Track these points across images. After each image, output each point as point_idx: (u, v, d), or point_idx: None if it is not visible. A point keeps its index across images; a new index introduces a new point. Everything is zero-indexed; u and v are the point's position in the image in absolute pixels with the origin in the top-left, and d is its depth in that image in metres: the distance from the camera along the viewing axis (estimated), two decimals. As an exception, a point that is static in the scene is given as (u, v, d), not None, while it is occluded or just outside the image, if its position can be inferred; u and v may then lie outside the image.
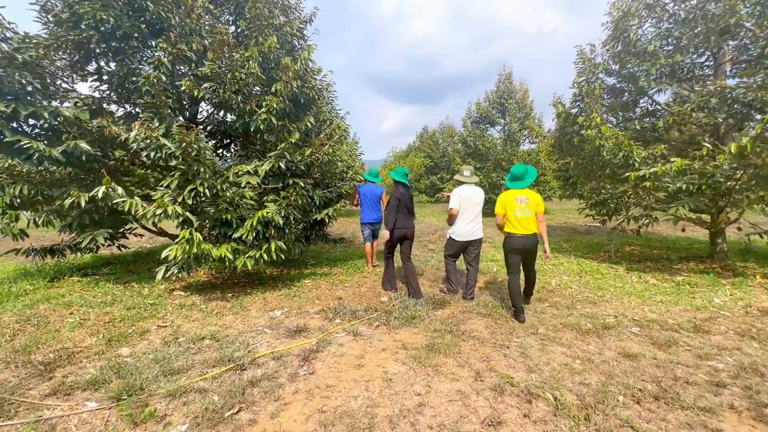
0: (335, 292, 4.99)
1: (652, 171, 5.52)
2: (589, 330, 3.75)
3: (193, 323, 3.86)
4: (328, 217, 5.68)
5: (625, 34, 6.68)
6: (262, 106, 4.91)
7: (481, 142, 15.85)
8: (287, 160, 5.00)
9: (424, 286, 5.28)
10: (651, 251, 8.01)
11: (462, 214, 4.55)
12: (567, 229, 11.86)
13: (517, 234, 3.98)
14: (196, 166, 3.98)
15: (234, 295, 4.84)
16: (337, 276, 5.81)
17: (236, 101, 4.74)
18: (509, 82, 16.26)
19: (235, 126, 5.09)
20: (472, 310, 4.28)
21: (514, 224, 4.00)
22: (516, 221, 3.98)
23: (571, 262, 6.94)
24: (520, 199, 3.99)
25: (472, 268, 4.70)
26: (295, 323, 3.84)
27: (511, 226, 4.02)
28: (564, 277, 5.93)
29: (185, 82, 4.36)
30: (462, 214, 4.55)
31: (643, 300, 4.75)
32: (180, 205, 4.00)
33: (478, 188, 4.70)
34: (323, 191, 5.91)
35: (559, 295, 4.94)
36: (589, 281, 5.62)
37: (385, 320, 3.95)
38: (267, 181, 5.20)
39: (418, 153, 26.52)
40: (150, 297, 4.64)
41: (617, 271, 6.28)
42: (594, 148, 6.27)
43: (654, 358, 3.19)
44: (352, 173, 6.39)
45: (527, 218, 3.98)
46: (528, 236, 3.97)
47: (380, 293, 4.93)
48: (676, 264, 6.71)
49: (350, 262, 6.66)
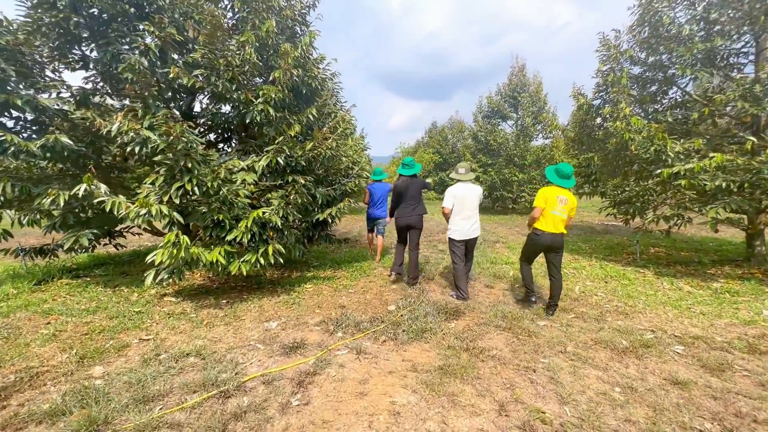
0: (338, 299, 4.58)
1: (688, 168, 4.99)
2: (626, 349, 3.28)
3: (179, 336, 3.48)
4: (331, 217, 5.27)
5: (656, 18, 6.10)
6: (259, 96, 4.50)
7: (493, 137, 15.27)
8: (287, 155, 4.59)
9: (435, 292, 4.85)
10: (678, 253, 7.44)
11: (458, 213, 4.53)
12: (584, 228, 11.29)
13: (548, 232, 3.96)
14: (183, 162, 3.59)
15: (229, 301, 4.46)
16: (340, 280, 5.40)
17: (231, 91, 4.33)
18: (522, 74, 15.61)
19: (231, 118, 4.68)
20: (489, 322, 3.84)
21: (548, 221, 3.95)
22: (551, 218, 3.94)
23: (594, 265, 6.43)
24: (561, 198, 3.92)
25: (468, 265, 4.80)
26: (292, 337, 3.43)
27: (544, 222, 3.97)
28: (588, 282, 5.44)
29: (173, 68, 3.96)
30: (458, 212, 4.53)
31: (681, 311, 4.25)
32: (167, 205, 3.61)
33: (474, 185, 4.64)
34: (326, 189, 5.49)
35: (585, 305, 4.46)
36: (617, 288, 5.12)
37: (392, 334, 3.52)
38: (265, 178, 4.80)
39: (427, 149, 25.94)
40: (137, 304, 4.28)
41: (645, 276, 5.76)
42: (621, 142, 5.74)
43: (708, 387, 2.71)
44: (358, 169, 5.96)
45: (561, 219, 3.95)
46: (556, 235, 3.96)
47: (387, 301, 4.51)
48: (710, 268, 6.16)
49: (355, 265, 6.25)
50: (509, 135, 15.47)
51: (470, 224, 4.52)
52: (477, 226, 4.59)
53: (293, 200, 4.45)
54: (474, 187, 4.62)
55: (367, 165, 5.96)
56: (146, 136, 3.54)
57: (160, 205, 3.57)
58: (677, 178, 5.19)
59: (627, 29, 7.03)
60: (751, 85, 5.16)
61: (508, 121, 16.29)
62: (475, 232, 4.58)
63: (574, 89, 7.69)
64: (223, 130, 6.22)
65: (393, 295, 4.71)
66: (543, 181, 14.86)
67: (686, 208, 5.63)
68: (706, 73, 5.54)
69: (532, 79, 15.67)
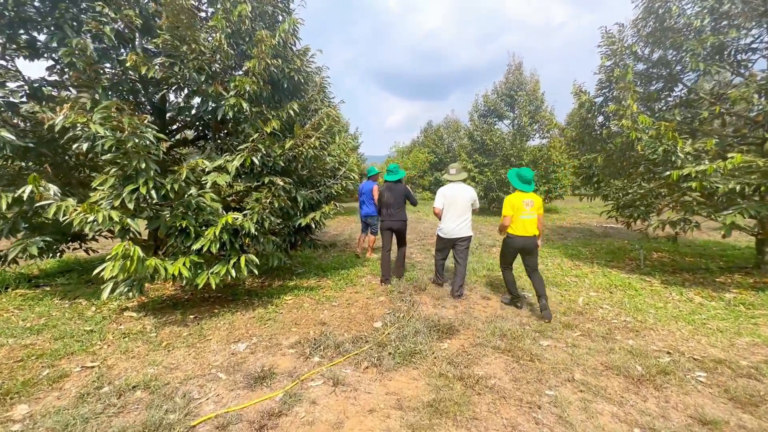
0: (319, 313, 4.14)
1: (701, 169, 4.62)
2: (642, 376, 2.88)
3: (130, 361, 3.02)
4: (315, 222, 4.82)
5: (664, 8, 5.72)
6: (231, 88, 4.04)
7: (489, 137, 14.88)
8: (263, 155, 4.14)
9: (427, 305, 4.43)
10: (683, 259, 7.10)
11: (447, 212, 4.62)
12: (582, 231, 10.94)
13: (519, 236, 4.12)
14: (136, 161, 3.13)
15: (197, 317, 4.01)
16: (324, 291, 4.96)
17: (198, 82, 3.87)
18: (519, 72, 15.24)
19: (201, 113, 4.22)
20: (486, 342, 3.42)
21: (518, 226, 4.12)
22: (521, 223, 4.10)
23: (596, 272, 6.05)
24: (527, 202, 4.10)
25: (460, 266, 4.71)
26: (261, 363, 2.99)
27: (515, 227, 4.14)
28: (592, 293, 5.05)
29: (130, 56, 3.49)
30: (447, 211, 4.62)
31: (696, 327, 3.87)
32: (118, 210, 3.15)
33: (465, 186, 4.69)
34: (309, 191, 5.05)
35: (591, 319, 4.06)
36: (623, 299, 4.73)
37: (376, 358, 3.09)
38: (240, 179, 4.35)
39: (422, 148, 25.54)
40: (92, 321, 3.81)
41: (652, 285, 5.38)
42: (627, 142, 5.35)
43: (742, 427, 2.32)
44: (345, 170, 5.52)
45: (531, 221, 4.11)
46: (528, 238, 4.12)
47: (373, 316, 4.08)
48: (718, 276, 5.81)
49: (342, 272, 5.81)
50: (506, 134, 15.09)
51: (458, 224, 4.59)
52: (467, 225, 4.62)
53: (270, 204, 4.01)
54: (465, 188, 4.66)
55: (355, 165, 5.47)
56: (95, 131, 3.07)
57: (112, 210, 3.11)
58: (687, 181, 4.82)
59: (631, 23, 6.67)
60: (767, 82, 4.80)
61: (505, 121, 15.92)
62: (463, 232, 4.61)
63: (574, 86, 7.30)
64: (203, 127, 5.76)
65: (380, 309, 4.28)
66: (540, 182, 14.52)
67: (694, 213, 5.26)
68: (719, 67, 5.17)
69: (529, 78, 15.31)
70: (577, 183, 8.30)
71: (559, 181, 15.13)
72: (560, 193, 15.53)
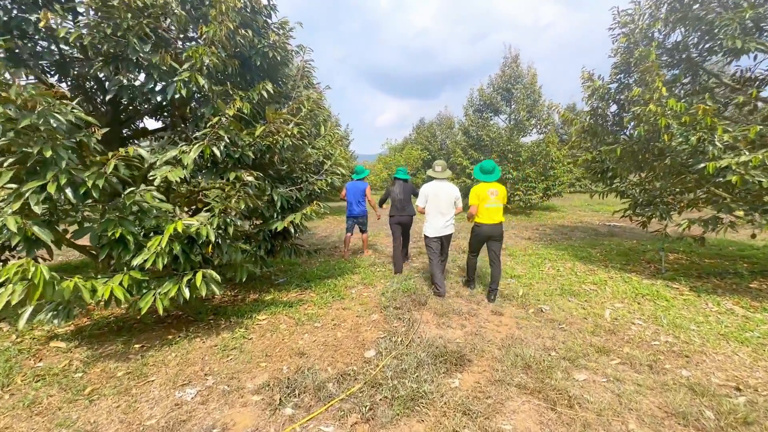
0: (298, 338, 3.38)
1: (742, 161, 3.97)
2: (719, 429, 2.18)
3: (32, 421, 2.22)
4: (294, 226, 4.05)
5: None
6: (185, 61, 3.25)
7: (485, 132, 14.22)
8: (227, 144, 3.36)
9: (430, 324, 3.70)
10: (702, 261, 6.50)
11: (432, 211, 4.62)
12: (587, 230, 10.32)
13: (486, 224, 4.34)
14: (46, 148, 2.32)
15: (144, 345, 3.21)
16: (306, 306, 4.19)
17: (137, 50, 3.06)
18: (516, 65, 14.61)
19: (149, 93, 3.40)
20: (508, 378, 2.69)
21: (484, 214, 4.33)
22: (486, 212, 4.32)
23: (615, 278, 5.39)
24: (492, 191, 4.31)
25: (442, 263, 4.81)
26: (212, 421, 2.22)
27: (481, 216, 4.35)
28: (617, 304, 4.37)
29: (43, 13, 2.68)
30: (432, 209, 4.62)
31: (754, 349, 3.20)
32: (17, 215, 2.34)
33: (449, 184, 4.68)
34: (288, 189, 4.28)
35: (626, 340, 3.37)
36: (656, 312, 4.06)
37: (368, 407, 2.34)
38: (201, 175, 3.56)
39: (415, 146, 24.84)
40: (5, 354, 2.98)
41: (682, 293, 4.74)
42: (653, 130, 4.68)
43: None
44: (330, 164, 4.76)
45: (496, 209, 4.33)
46: (495, 225, 4.34)
47: (364, 341, 3.33)
48: (750, 281, 5.19)
49: (328, 282, 5.05)
50: (502, 130, 14.45)
51: (444, 222, 4.57)
52: (451, 223, 4.64)
53: (235, 205, 3.22)
54: (449, 186, 4.64)
55: (342, 159, 4.68)
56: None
57: (9, 216, 2.29)
58: (725, 174, 4.17)
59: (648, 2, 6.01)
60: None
61: (501, 116, 15.29)
62: (448, 230, 4.63)
63: (584, 73, 6.64)
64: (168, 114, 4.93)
65: (373, 331, 3.53)
66: (538, 179, 13.92)
67: (730, 210, 4.62)
68: (759, 44, 4.53)
69: (526, 71, 14.70)
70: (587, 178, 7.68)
71: (557, 178, 14.55)
72: (559, 191, 14.96)
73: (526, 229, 10.44)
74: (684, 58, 5.75)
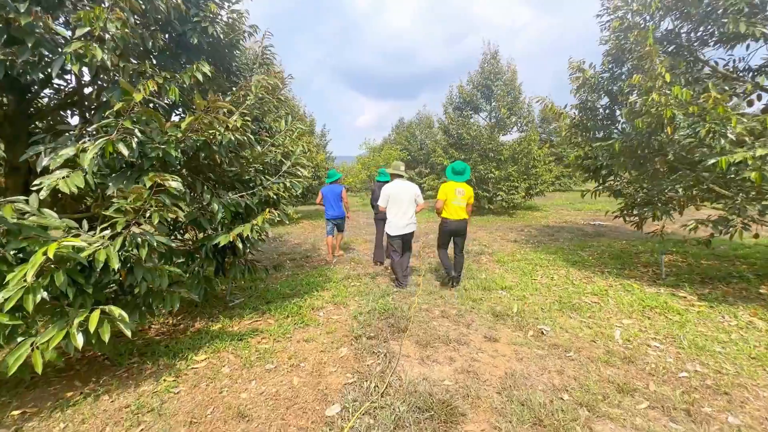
0: (241, 390, 2.60)
1: (760, 154, 3.48)
2: None
3: None
4: (243, 240, 3.27)
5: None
6: (79, 25, 2.43)
7: (465, 131, 13.71)
8: (140, 139, 2.56)
9: (411, 360, 3.00)
10: (699, 262, 6.10)
11: (393, 210, 4.76)
12: (573, 231, 9.91)
13: (452, 219, 4.67)
14: None
15: (26, 411, 2.37)
16: (260, 340, 3.41)
17: (10, 7, 2.23)
18: (495, 61, 14.17)
19: (22, 67, 2.55)
20: (514, 443, 2.03)
21: (451, 211, 4.65)
22: (452, 208, 4.64)
23: (615, 287, 4.87)
24: (459, 190, 4.65)
25: (405, 257, 4.98)
26: None
27: (448, 212, 4.67)
28: (625, 320, 3.81)
29: None
30: (391, 208, 4.77)
31: (797, 378, 2.68)
32: None
33: (409, 183, 4.88)
34: (237, 195, 3.49)
35: (649, 372, 2.78)
36: (671, 330, 3.51)
37: None
38: (109, 179, 2.74)
39: (394, 145, 24.20)
40: None
41: (691, 303, 4.24)
42: (657, 122, 4.16)
43: None
44: (289, 165, 3.99)
45: (461, 207, 4.66)
46: (459, 221, 4.69)
47: (327, 389, 2.58)
48: (758, 285, 4.78)
49: (292, 303, 4.28)
50: (483, 128, 13.98)
51: (405, 220, 4.74)
52: (412, 221, 4.81)
53: (148, 219, 2.43)
54: (409, 185, 4.84)
55: (303, 157, 3.89)
56: None
57: None
58: (739, 170, 3.69)
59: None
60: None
61: (482, 113, 14.83)
62: (409, 228, 4.79)
63: (572, 63, 6.15)
64: (72, 101, 4.03)
65: (339, 373, 2.80)
66: (520, 178, 13.53)
67: (742, 211, 4.15)
68: (765, 28, 4.08)
69: (506, 67, 14.29)
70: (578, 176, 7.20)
71: (539, 176, 14.22)
72: (541, 190, 14.65)
73: (510, 231, 9.94)
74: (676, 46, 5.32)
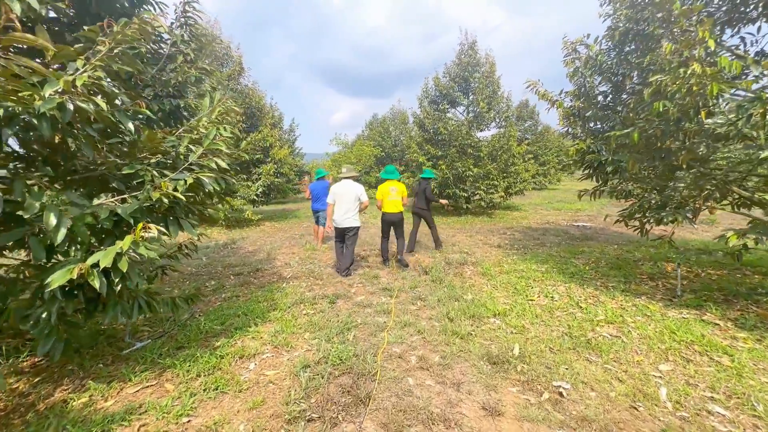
0: None
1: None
2: None
3: None
4: (102, 272, 2.02)
5: None
6: None
7: (442, 125, 12.72)
8: None
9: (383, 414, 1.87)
10: (708, 274, 5.34)
11: (337, 205, 5.33)
12: (558, 233, 9.11)
13: (389, 212, 5.78)
14: None
15: None
16: (138, 428, 2.18)
17: None
18: (473, 51, 13.26)
19: None
20: None
21: (387, 206, 5.78)
22: (389, 203, 5.77)
23: (628, 310, 3.95)
24: (392, 188, 5.82)
25: (347, 249, 5.38)
26: None
27: (385, 207, 5.80)
28: (661, 365, 2.84)
29: None
30: (336, 205, 5.33)
31: None
32: None
33: (353, 183, 5.40)
34: (112, 200, 2.22)
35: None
36: (730, 383, 2.58)
37: None
38: None
39: (367, 141, 22.98)
40: None
41: (735, 337, 3.35)
42: (692, 104, 3.23)
43: None
44: (202, 151, 2.75)
45: (395, 201, 5.77)
46: (395, 213, 5.77)
47: None
48: (790, 304, 4.01)
49: (212, 351, 3.05)
50: (461, 123, 13.05)
51: (342, 215, 5.27)
52: (352, 217, 5.30)
53: None
54: (353, 184, 5.38)
55: (222, 143, 2.60)
56: None
57: None
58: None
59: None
60: None
61: (459, 107, 13.90)
62: (347, 223, 5.27)
63: (566, 43, 5.23)
64: None
65: None
66: (500, 176, 12.72)
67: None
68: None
69: (485, 59, 13.42)
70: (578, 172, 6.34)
71: (518, 174, 13.49)
72: (521, 189, 13.93)
73: (492, 234, 9.04)
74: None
